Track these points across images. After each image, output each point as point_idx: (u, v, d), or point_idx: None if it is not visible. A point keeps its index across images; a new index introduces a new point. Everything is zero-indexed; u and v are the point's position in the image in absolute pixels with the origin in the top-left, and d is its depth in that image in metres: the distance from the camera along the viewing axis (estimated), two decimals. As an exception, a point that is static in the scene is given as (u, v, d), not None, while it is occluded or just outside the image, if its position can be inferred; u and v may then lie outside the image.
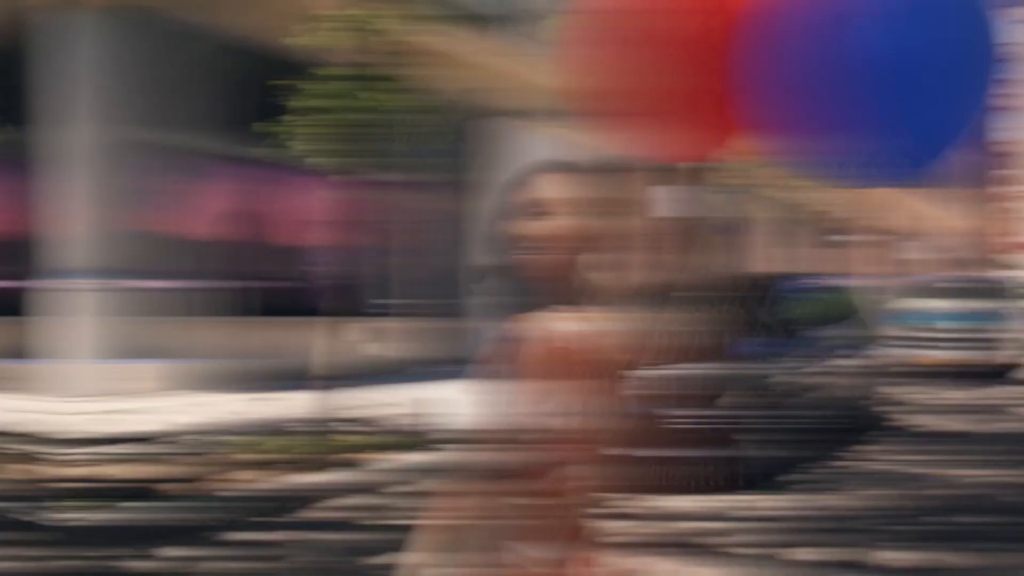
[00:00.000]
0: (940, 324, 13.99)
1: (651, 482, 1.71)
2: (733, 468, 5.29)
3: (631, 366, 1.59)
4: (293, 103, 6.44)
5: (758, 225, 16.32)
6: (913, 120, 2.25)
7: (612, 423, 1.57)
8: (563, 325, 1.54)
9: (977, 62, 2.32)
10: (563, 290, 1.65)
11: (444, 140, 13.91)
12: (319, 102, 6.24)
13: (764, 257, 20.53)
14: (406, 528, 1.71)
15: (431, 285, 13.68)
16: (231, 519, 5.06)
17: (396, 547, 4.58)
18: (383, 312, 12.39)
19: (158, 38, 9.61)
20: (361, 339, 11.54)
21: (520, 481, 1.57)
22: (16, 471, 5.34)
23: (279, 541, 4.85)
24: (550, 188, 1.66)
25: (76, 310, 8.31)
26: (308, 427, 6.68)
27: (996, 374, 13.66)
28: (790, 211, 19.99)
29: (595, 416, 1.54)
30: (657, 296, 1.64)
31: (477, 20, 13.13)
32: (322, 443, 6.51)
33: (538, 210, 1.63)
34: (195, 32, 9.77)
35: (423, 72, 11.50)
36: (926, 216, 31.79)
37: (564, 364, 1.49)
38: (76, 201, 8.37)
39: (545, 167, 1.70)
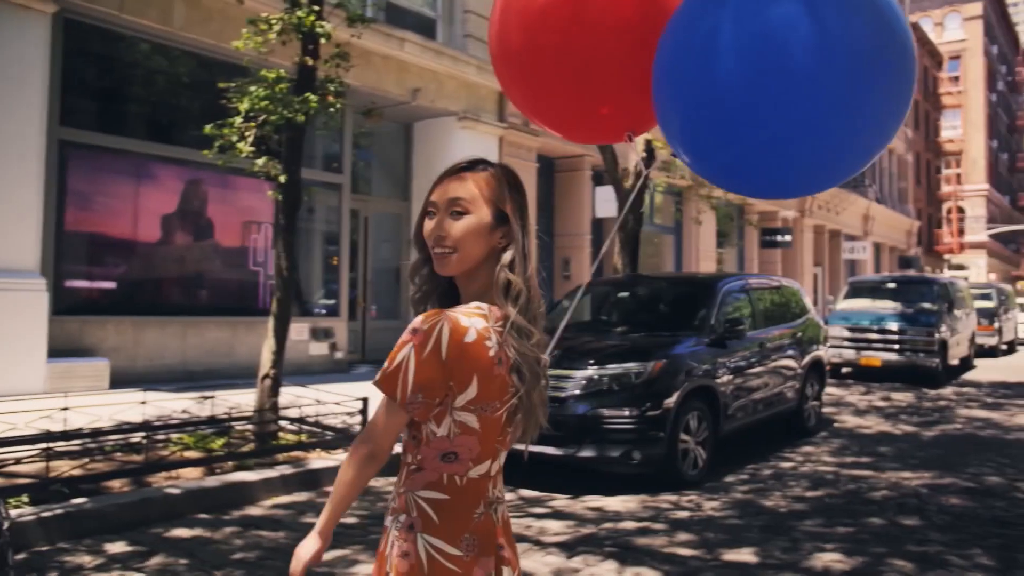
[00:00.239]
0: (883, 325, 14.29)
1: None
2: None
3: (518, 362, 1.68)
4: (234, 105, 6.40)
5: (700, 225, 16.50)
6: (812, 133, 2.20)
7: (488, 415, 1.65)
8: (457, 320, 1.62)
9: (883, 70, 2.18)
10: (472, 286, 1.70)
11: (385, 141, 13.96)
12: (260, 104, 6.18)
13: (707, 257, 20.81)
14: (349, 526, 1.75)
15: (375, 285, 13.71)
16: (176, 515, 5.21)
17: (338, 543, 4.64)
18: (327, 311, 12.41)
19: (101, 41, 9.59)
20: (306, 338, 11.54)
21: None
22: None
23: (223, 538, 4.85)
24: (463, 187, 1.69)
25: (21, 309, 8.15)
26: (254, 425, 6.67)
27: (937, 376, 13.99)
28: (733, 210, 20.23)
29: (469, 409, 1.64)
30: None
31: (418, 21, 13.12)
32: (267, 441, 6.54)
33: (458, 209, 1.68)
34: (137, 35, 9.72)
35: (364, 74, 11.56)
36: (872, 215, 32.45)
37: (448, 355, 1.58)
38: (18, 201, 8.22)
39: (459, 166, 1.74)
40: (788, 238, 23.91)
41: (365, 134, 13.63)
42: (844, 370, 15.05)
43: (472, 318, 1.65)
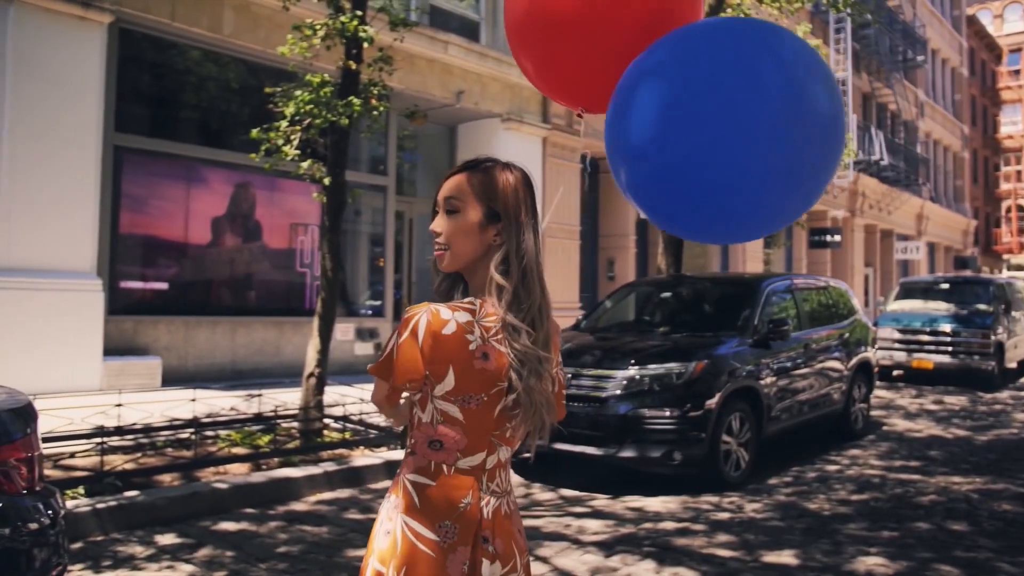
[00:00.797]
0: (936, 327, 13.97)
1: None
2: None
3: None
4: (280, 110, 6.54)
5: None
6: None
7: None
8: (438, 312, 1.68)
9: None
10: (473, 282, 1.75)
11: (429, 144, 14.08)
12: (304, 108, 6.31)
13: (754, 258, 20.55)
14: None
15: (420, 285, 13.82)
16: (223, 509, 5.36)
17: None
18: (373, 312, 12.57)
19: (154, 49, 9.86)
20: (351, 338, 11.70)
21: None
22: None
23: (267, 532, 4.96)
24: (457, 186, 1.73)
25: (78, 309, 8.42)
26: (299, 422, 6.81)
27: (993, 379, 13.64)
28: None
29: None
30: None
31: (462, 24, 13.20)
32: (312, 438, 6.67)
33: (449, 207, 1.72)
34: (188, 43, 9.98)
35: (409, 77, 11.68)
36: (926, 215, 31.72)
37: (423, 345, 1.65)
38: (76, 205, 8.50)
39: (461, 165, 1.78)
40: (837, 238, 23.51)
41: (410, 136, 13.77)
42: (895, 373, 14.75)
43: (457, 312, 1.69)
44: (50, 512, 2.94)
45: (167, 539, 4.80)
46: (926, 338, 13.94)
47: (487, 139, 13.91)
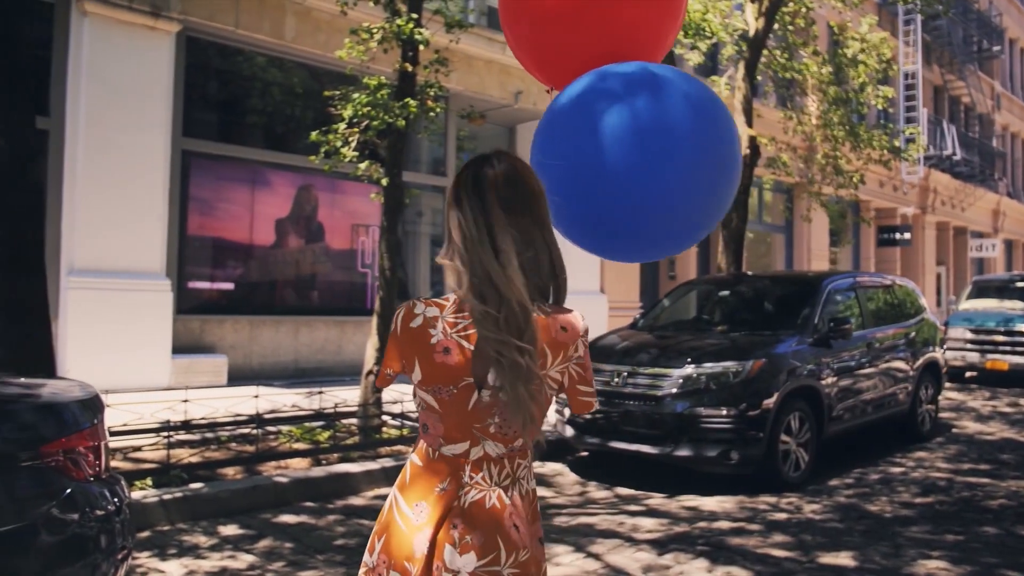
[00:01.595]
0: (1011, 326, 13.48)
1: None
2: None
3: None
4: (338, 112, 6.67)
5: (810, 223, 15.98)
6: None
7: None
8: (413, 306, 1.75)
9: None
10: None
11: (489, 144, 14.15)
12: (362, 111, 6.43)
13: (819, 256, 20.11)
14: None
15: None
16: (284, 502, 5.52)
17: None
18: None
19: (219, 56, 10.16)
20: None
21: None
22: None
23: (326, 525, 5.09)
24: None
25: (148, 309, 8.72)
26: (358, 419, 6.94)
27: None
28: (847, 207, 19.49)
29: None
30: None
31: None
32: (370, 435, 6.79)
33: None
34: (252, 49, 10.25)
35: (467, 78, 11.77)
36: (1003, 211, 30.60)
37: (398, 336, 1.74)
38: (147, 209, 8.83)
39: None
40: (907, 236, 22.84)
41: (469, 137, 13.88)
42: (967, 374, 14.27)
43: (429, 306, 1.74)
44: (115, 499, 3.07)
45: (230, 530, 4.95)
46: (1001, 338, 13.45)
47: (545, 139, 13.91)
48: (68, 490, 2.87)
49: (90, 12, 8.50)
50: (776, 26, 11.49)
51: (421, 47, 6.80)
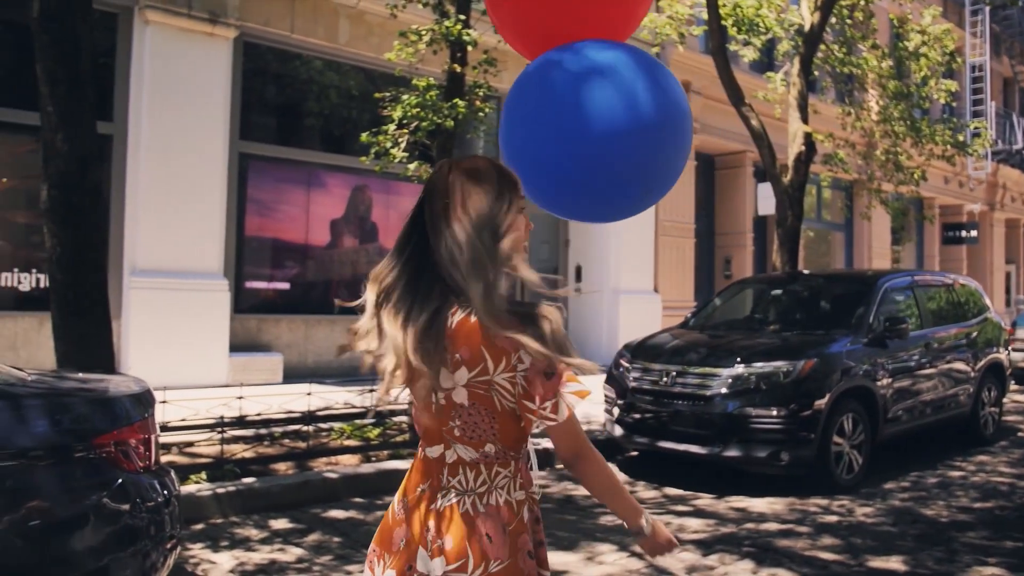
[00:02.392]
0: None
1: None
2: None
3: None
4: (388, 114, 6.76)
5: (869, 221, 15.59)
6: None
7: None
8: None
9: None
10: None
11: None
12: (411, 112, 6.50)
13: (880, 255, 19.62)
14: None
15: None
16: (333, 497, 5.62)
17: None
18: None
19: (275, 60, 10.39)
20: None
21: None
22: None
23: (374, 520, 5.23)
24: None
25: (207, 308, 8.95)
26: (407, 416, 7.02)
27: None
28: (910, 204, 18.97)
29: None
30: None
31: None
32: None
33: None
34: (307, 53, 10.48)
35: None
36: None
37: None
38: (206, 210, 9.11)
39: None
40: (974, 233, 22.13)
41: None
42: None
43: None
44: (164, 491, 3.18)
45: (280, 523, 5.07)
46: (1073, 339, 12.96)
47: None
48: (119, 480, 2.98)
49: (152, 21, 8.77)
50: (834, 20, 11.26)
51: (469, 48, 6.84)
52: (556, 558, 4.49)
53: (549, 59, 2.51)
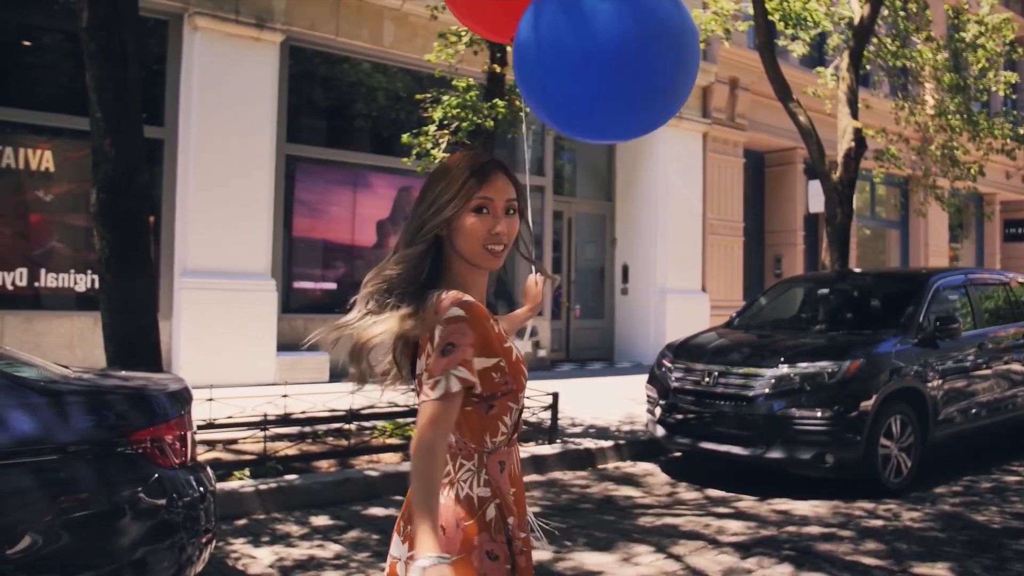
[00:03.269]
0: None
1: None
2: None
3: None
4: (429, 115, 6.80)
5: (924, 217, 15.18)
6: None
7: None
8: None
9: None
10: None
11: (585, 143, 14.11)
12: (452, 112, 6.54)
13: (937, 253, 19.09)
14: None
15: (579, 285, 13.87)
16: (374, 495, 5.69)
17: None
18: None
19: (321, 63, 10.55)
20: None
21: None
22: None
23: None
24: (511, 187, 1.79)
25: (255, 308, 9.12)
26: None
27: None
28: (968, 200, 18.42)
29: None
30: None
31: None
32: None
33: (513, 208, 1.80)
34: (351, 55, 10.64)
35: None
36: None
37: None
38: (254, 212, 9.28)
39: (499, 163, 1.82)
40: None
41: (568, 137, 13.86)
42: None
43: None
44: (200, 487, 3.25)
45: (320, 520, 5.14)
46: None
47: (646, 137, 13.77)
48: (155, 476, 3.06)
49: (201, 27, 8.97)
50: (886, 12, 10.99)
51: (509, 48, 6.85)
52: (592, 559, 4.47)
53: None
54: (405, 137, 7.05)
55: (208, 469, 3.42)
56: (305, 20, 9.86)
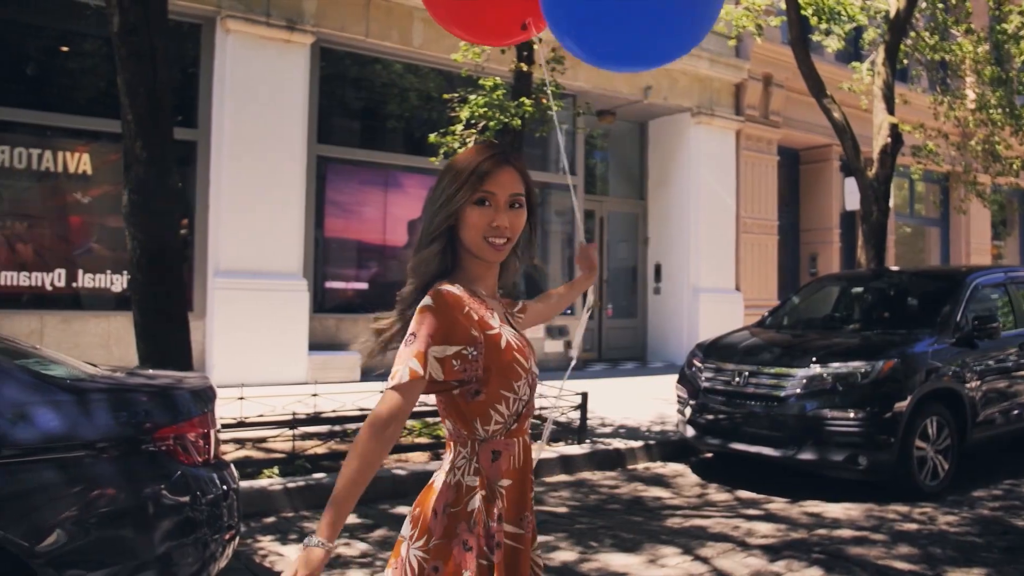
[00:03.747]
0: None
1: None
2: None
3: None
4: (456, 114, 6.80)
5: (965, 215, 14.85)
6: None
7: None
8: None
9: None
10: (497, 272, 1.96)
11: (620, 141, 14.03)
12: (479, 111, 6.53)
13: (980, 251, 18.68)
14: (559, 515, 1.89)
15: (612, 284, 13.81)
16: (401, 493, 5.67)
17: (543, 531, 4.80)
18: (564, 311, 12.70)
19: (351, 64, 10.61)
20: (541, 336, 11.90)
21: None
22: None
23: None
24: (518, 180, 1.79)
25: (287, 308, 9.21)
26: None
27: None
28: (1012, 197, 17.98)
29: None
30: None
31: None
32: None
33: (516, 202, 1.80)
34: (381, 56, 10.68)
35: (595, 76, 11.70)
36: None
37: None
38: (286, 213, 9.35)
39: (504, 154, 1.82)
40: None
41: (600, 135, 13.81)
42: None
43: None
44: (223, 484, 3.27)
45: (348, 518, 5.14)
46: None
47: (678, 134, 13.70)
48: (178, 473, 3.09)
49: (232, 30, 9.08)
50: (924, 4, 10.78)
51: (536, 45, 6.82)
52: (617, 559, 4.44)
53: None
54: (432, 137, 7.06)
55: (232, 467, 3.45)
56: (335, 21, 9.93)
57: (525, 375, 1.78)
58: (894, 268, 9.91)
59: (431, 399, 1.80)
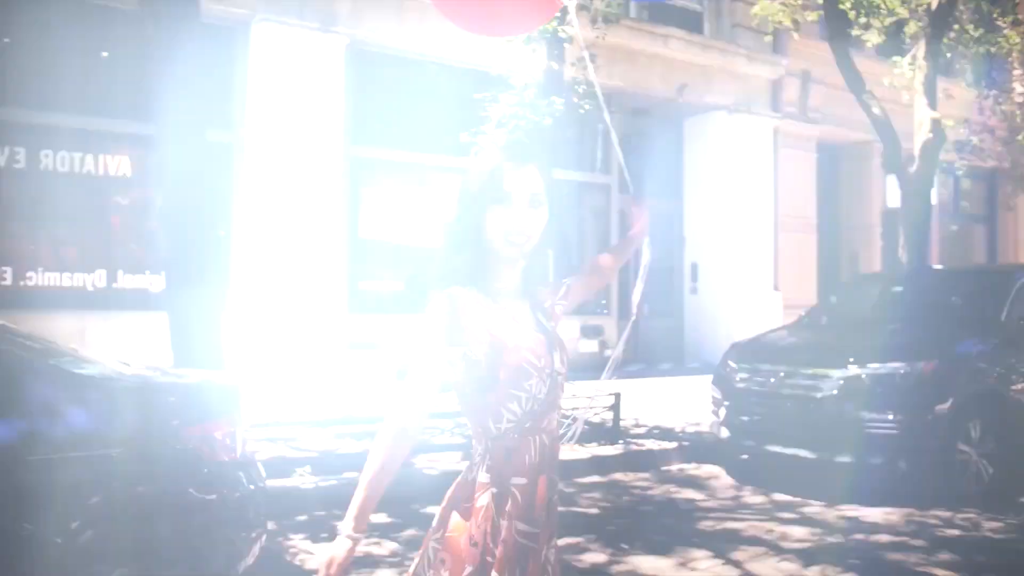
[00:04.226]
0: None
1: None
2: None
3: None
4: (492, 114, 6.81)
5: (1012, 211, 14.48)
6: None
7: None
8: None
9: None
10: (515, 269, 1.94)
11: (655, 140, 13.91)
12: (509, 111, 6.53)
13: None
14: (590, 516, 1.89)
15: (647, 283, 13.66)
16: (431, 493, 5.56)
17: (574, 532, 4.78)
18: (599, 310, 12.64)
19: (383, 65, 10.62)
20: (576, 335, 11.86)
21: None
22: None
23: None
24: (537, 179, 1.77)
25: (324, 308, 9.30)
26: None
27: None
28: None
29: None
30: None
31: (683, 17, 12.91)
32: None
33: (538, 202, 1.78)
34: (412, 57, 10.68)
35: (631, 74, 11.61)
36: None
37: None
38: (324, 214, 9.47)
39: (522, 153, 1.80)
40: None
41: (635, 134, 13.70)
42: None
43: None
44: (251, 483, 3.29)
45: (378, 518, 5.16)
46: None
47: (714, 132, 13.54)
48: (205, 470, 3.11)
49: (266, 33, 9.17)
50: (967, -4, 10.53)
51: (566, 44, 6.81)
52: (647, 562, 4.39)
53: None
54: (464, 137, 7.06)
55: (259, 465, 3.47)
56: (368, 23, 9.97)
57: (538, 374, 1.76)
58: (936, 266, 9.68)
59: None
